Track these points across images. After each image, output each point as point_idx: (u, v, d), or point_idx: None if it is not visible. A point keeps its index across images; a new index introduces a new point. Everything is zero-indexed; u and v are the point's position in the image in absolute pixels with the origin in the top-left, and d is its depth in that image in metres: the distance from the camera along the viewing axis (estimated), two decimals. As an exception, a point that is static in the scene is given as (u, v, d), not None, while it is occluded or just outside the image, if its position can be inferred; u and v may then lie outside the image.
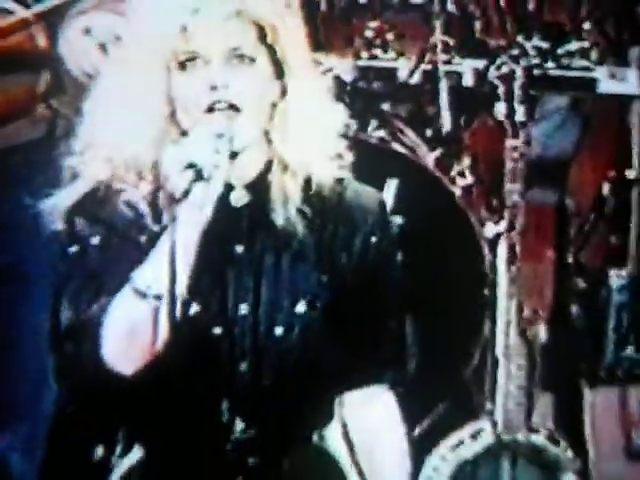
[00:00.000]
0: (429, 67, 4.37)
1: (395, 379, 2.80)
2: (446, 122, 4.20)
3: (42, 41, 3.47)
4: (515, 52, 4.29)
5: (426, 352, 2.95)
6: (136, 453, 2.74)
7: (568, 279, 4.29)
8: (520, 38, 4.41)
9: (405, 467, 2.89)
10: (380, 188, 2.84)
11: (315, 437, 2.76)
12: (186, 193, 2.56)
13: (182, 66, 2.65)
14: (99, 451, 2.74)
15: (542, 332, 4.25)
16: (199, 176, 2.57)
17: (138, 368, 2.63)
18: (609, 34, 4.27)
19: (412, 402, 2.88)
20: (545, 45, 4.30)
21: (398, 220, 2.76)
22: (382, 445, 2.85)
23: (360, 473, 2.90)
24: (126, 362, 2.63)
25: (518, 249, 4.18)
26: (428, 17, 4.43)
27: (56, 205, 2.68)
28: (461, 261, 4.16)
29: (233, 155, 2.63)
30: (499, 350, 4.15)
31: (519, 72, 4.22)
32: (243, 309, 2.67)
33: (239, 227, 2.70)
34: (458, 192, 4.18)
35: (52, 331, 2.72)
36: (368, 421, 2.82)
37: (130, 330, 2.62)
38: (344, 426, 2.82)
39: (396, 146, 4.22)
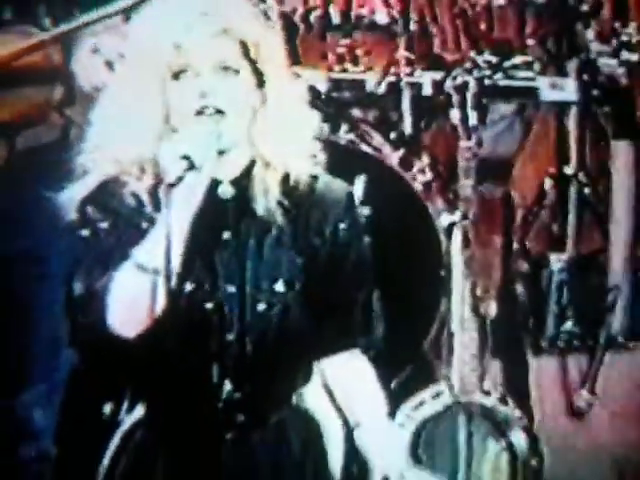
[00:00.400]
0: (393, 79, 4.28)
1: (366, 344, 2.79)
2: (408, 126, 4.18)
3: (57, 59, 3.46)
4: (468, 66, 4.26)
5: (391, 325, 2.98)
6: (139, 410, 2.74)
7: (514, 262, 4.26)
8: (472, 53, 4.36)
9: (383, 408, 2.83)
10: (350, 183, 2.79)
11: (294, 397, 2.74)
12: (180, 179, 2.57)
13: (176, 76, 2.65)
14: (108, 408, 2.77)
15: (492, 308, 4.19)
16: (191, 166, 2.58)
17: (139, 333, 2.63)
18: (549, 49, 4.24)
19: (380, 368, 2.84)
20: (494, 59, 4.25)
21: (366, 211, 2.74)
22: (361, 393, 2.81)
23: (344, 421, 2.85)
24: (128, 327, 2.62)
25: (471, 236, 4.10)
26: (393, 36, 4.35)
27: (71, 197, 2.68)
28: (421, 246, 4.10)
29: (220, 152, 2.63)
30: (455, 323, 4.11)
31: (472, 83, 4.19)
32: (231, 288, 2.67)
33: (226, 217, 2.70)
34: (418, 187, 4.14)
35: (66, 302, 2.69)
36: (347, 377, 2.79)
37: (132, 299, 2.62)
38: (326, 385, 2.79)
39: (364, 147, 4.11)
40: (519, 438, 3.97)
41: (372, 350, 2.83)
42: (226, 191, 2.68)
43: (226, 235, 2.69)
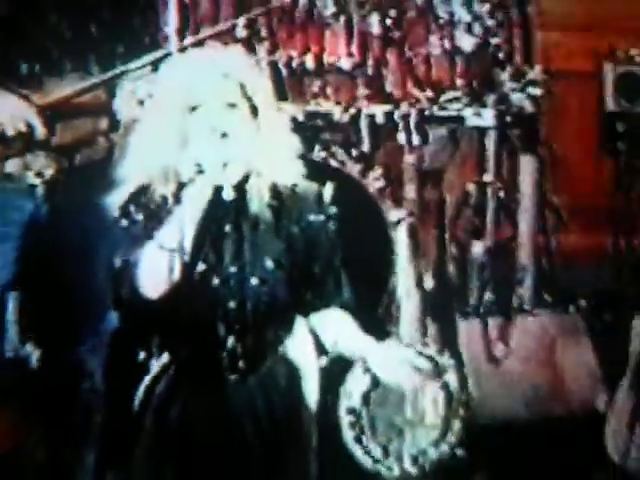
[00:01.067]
0: (354, 111, 4.20)
1: (340, 303, 2.82)
2: (366, 146, 4.14)
3: (103, 98, 3.45)
4: (412, 100, 4.24)
5: (355, 294, 3.03)
6: (165, 357, 2.76)
7: (446, 248, 4.26)
8: (415, 91, 4.27)
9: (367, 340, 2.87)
10: (321, 188, 2.81)
11: (280, 349, 2.78)
12: (191, 180, 2.67)
13: (192, 109, 2.72)
14: (142, 355, 2.80)
15: (429, 282, 4.09)
16: (200, 170, 2.66)
17: (160, 296, 2.66)
18: (474, 87, 4.22)
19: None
20: (431, 95, 4.19)
21: (333, 209, 2.81)
22: (344, 333, 2.83)
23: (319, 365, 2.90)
24: (152, 290, 2.68)
25: (413, 228, 3.98)
26: (354, 78, 4.25)
27: (114, 200, 2.74)
28: (376, 236, 4.02)
29: (224, 165, 2.68)
30: (402, 294, 4.02)
31: (414, 113, 4.16)
32: (232, 268, 2.72)
33: (228, 214, 2.73)
34: (374, 191, 4.08)
35: (109, 275, 2.74)
36: (331, 323, 2.82)
37: (154, 269, 2.67)
38: (314, 333, 2.82)
39: (332, 162, 4.08)
40: (452, 379, 3.89)
41: (345, 309, 2.84)
42: (228, 194, 2.71)
43: (228, 228, 2.73)
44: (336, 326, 2.82)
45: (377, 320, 4.10)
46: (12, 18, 3.28)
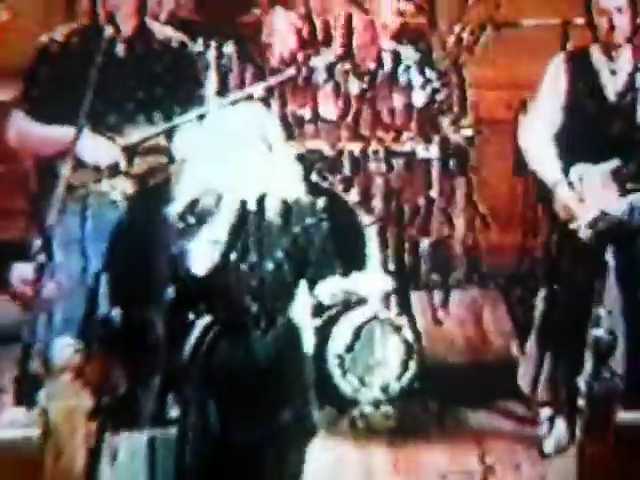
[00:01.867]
0: (339, 148, 4.13)
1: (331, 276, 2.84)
2: (347, 171, 4.13)
3: (164, 141, 3.37)
4: (380, 140, 4.17)
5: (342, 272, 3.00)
6: (207, 319, 2.78)
7: (403, 242, 4.23)
8: (382, 133, 4.20)
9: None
10: (316, 200, 2.85)
11: (288, 313, 2.80)
12: (226, 196, 2.72)
13: (226, 148, 2.73)
14: (191, 316, 2.81)
15: (391, 266, 4.11)
16: (232, 189, 2.72)
17: (205, 274, 2.71)
18: (424, 130, 4.19)
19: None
20: (394, 136, 4.20)
21: (324, 215, 2.82)
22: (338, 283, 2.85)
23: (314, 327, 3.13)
24: (199, 271, 2.71)
25: (380, 229, 4.06)
26: (339, 124, 4.18)
27: (173, 210, 2.78)
28: (354, 233, 3.96)
29: (249, 185, 2.73)
30: (371, 263, 3.93)
31: (381, 149, 4.13)
32: (254, 257, 2.74)
33: (251, 219, 2.75)
34: (352, 203, 4.05)
35: (169, 259, 2.77)
36: (327, 284, 2.82)
37: (201, 256, 2.72)
38: (315, 298, 2.86)
39: (324, 184, 4.03)
40: (408, 334, 3.86)
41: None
42: (251, 206, 2.75)
43: (251, 229, 2.74)
44: (331, 283, 2.83)
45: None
46: (102, 84, 3.18)
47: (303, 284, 2.81)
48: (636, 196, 3.45)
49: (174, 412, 2.84)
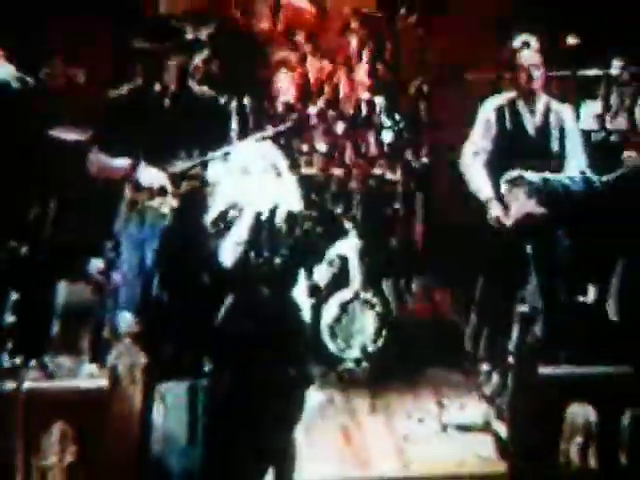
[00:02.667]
0: (329, 174, 4.05)
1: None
2: (334, 190, 4.06)
3: (200, 170, 3.31)
4: (359, 167, 4.17)
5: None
6: (230, 298, 2.74)
7: (379, 243, 4.11)
8: (361, 162, 4.18)
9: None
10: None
11: (291, 293, 2.76)
12: (246, 209, 2.73)
13: (247, 174, 2.77)
14: (220, 296, 2.78)
15: (367, 261, 3.98)
16: (250, 204, 2.72)
17: (231, 265, 2.70)
18: (392, 160, 4.18)
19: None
20: (369, 164, 4.17)
21: (317, 222, 2.95)
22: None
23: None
24: (227, 262, 2.69)
25: (361, 233, 3.96)
26: (328, 155, 4.13)
27: (208, 219, 2.78)
28: (337, 235, 3.92)
29: (263, 201, 2.73)
30: (354, 267, 3.92)
31: (360, 174, 4.12)
32: (267, 253, 2.72)
33: (264, 226, 2.74)
34: (337, 214, 3.98)
35: (205, 255, 2.78)
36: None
37: (228, 252, 2.73)
38: (312, 282, 3.00)
39: (317, 200, 3.89)
40: (380, 309, 3.86)
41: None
42: (265, 216, 2.74)
43: (264, 233, 2.73)
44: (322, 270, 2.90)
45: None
46: (155, 127, 3.21)
47: (302, 273, 2.82)
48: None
49: (207, 367, 2.83)
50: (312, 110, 4.15)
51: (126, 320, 3.18)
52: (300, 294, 2.82)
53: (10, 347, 2.87)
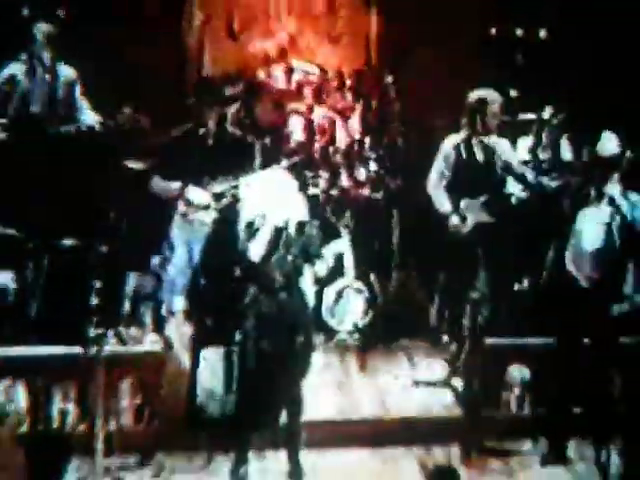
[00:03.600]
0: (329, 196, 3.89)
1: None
2: (333, 205, 3.90)
3: (234, 191, 3.27)
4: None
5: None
6: (254, 288, 2.70)
7: (366, 243, 3.93)
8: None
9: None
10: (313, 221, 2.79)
11: (299, 284, 2.77)
12: (266, 220, 2.71)
13: (266, 196, 2.73)
14: (245, 286, 2.76)
15: (356, 255, 3.84)
16: (268, 217, 2.73)
17: (258, 261, 2.71)
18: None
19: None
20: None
21: (319, 229, 2.79)
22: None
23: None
24: (255, 259, 2.66)
25: (352, 237, 3.81)
26: (327, 182, 3.97)
27: (240, 226, 2.75)
28: (334, 237, 3.76)
29: (279, 214, 2.71)
30: (347, 259, 3.81)
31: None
32: (282, 253, 2.72)
33: (280, 234, 2.74)
34: (334, 221, 3.81)
35: (238, 253, 2.75)
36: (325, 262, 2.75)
37: (256, 251, 2.72)
38: (315, 273, 2.76)
39: (319, 211, 3.70)
40: (368, 295, 3.74)
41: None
42: (279, 226, 2.75)
43: (281, 239, 2.74)
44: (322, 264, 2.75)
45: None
46: (201, 159, 3.25)
47: (308, 267, 2.83)
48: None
49: (238, 337, 2.81)
50: (316, 146, 4.11)
51: (178, 301, 3.34)
52: (306, 283, 2.86)
53: (94, 322, 2.94)
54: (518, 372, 3.07)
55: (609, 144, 2.91)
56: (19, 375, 2.76)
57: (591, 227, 2.90)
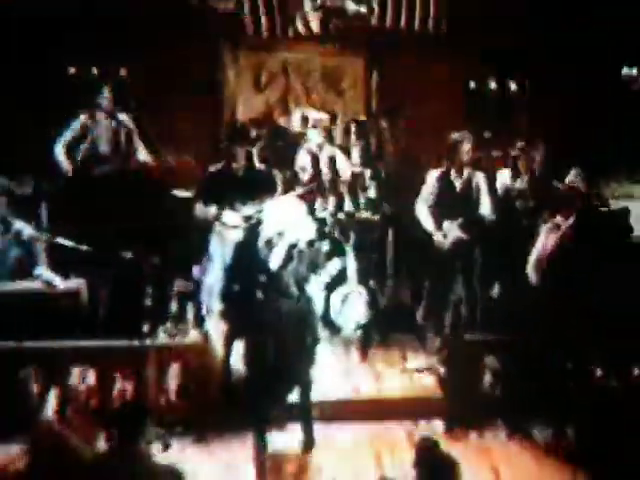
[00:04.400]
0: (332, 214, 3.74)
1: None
2: (338, 225, 3.76)
3: (258, 214, 3.30)
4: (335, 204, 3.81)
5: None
6: (274, 289, 2.75)
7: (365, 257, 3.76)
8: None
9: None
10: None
11: (307, 290, 2.83)
12: (282, 237, 2.84)
13: (282, 216, 2.89)
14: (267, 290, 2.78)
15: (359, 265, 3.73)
16: (284, 234, 2.85)
17: (275, 267, 2.81)
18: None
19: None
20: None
21: (325, 244, 2.91)
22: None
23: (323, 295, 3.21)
24: (274, 266, 2.83)
25: (356, 251, 3.69)
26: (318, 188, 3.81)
27: (261, 241, 2.88)
28: (339, 252, 3.68)
29: (292, 234, 2.83)
30: (350, 264, 3.72)
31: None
32: (295, 264, 2.79)
33: (293, 249, 2.85)
34: (340, 238, 3.70)
35: (261, 261, 2.85)
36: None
37: (275, 260, 2.82)
38: (321, 281, 2.97)
39: (326, 230, 3.59)
40: (369, 298, 3.64)
41: None
42: (292, 243, 2.87)
43: (293, 253, 2.85)
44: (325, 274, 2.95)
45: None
46: (231, 188, 3.28)
47: (314, 276, 3.08)
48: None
49: (261, 331, 2.82)
50: (324, 178, 3.97)
51: (215, 303, 3.39)
52: (314, 290, 3.06)
53: (148, 319, 3.09)
54: (491, 362, 3.19)
55: (573, 179, 3.11)
56: (89, 362, 2.95)
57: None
